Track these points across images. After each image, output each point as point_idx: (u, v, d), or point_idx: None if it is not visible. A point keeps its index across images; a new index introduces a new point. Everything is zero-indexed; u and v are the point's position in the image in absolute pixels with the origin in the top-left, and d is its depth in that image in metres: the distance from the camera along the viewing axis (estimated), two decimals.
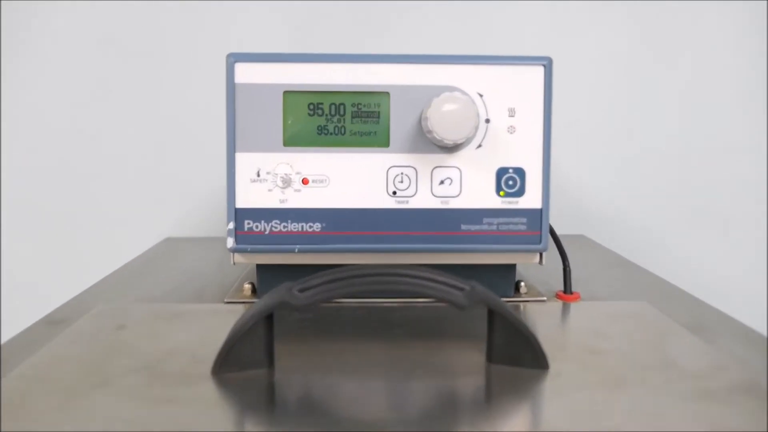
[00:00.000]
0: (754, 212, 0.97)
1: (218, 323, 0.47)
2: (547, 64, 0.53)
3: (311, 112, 0.52)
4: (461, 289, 0.38)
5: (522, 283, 0.59)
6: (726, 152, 0.96)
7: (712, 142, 0.96)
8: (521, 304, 0.56)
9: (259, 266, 0.57)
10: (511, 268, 0.57)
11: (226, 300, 0.57)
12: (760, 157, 0.96)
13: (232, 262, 0.55)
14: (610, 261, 0.77)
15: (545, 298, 0.58)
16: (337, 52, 0.53)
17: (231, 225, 0.53)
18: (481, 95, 0.53)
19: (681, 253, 0.97)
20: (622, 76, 0.95)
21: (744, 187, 0.96)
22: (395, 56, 0.52)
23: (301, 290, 0.38)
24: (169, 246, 0.86)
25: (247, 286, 0.59)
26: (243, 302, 0.56)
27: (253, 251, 0.53)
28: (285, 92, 0.52)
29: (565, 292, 0.59)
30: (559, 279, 0.60)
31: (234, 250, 0.53)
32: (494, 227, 0.53)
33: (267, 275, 0.57)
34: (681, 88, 0.96)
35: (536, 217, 0.54)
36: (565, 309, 0.56)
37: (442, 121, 0.50)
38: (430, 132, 0.50)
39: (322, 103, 0.52)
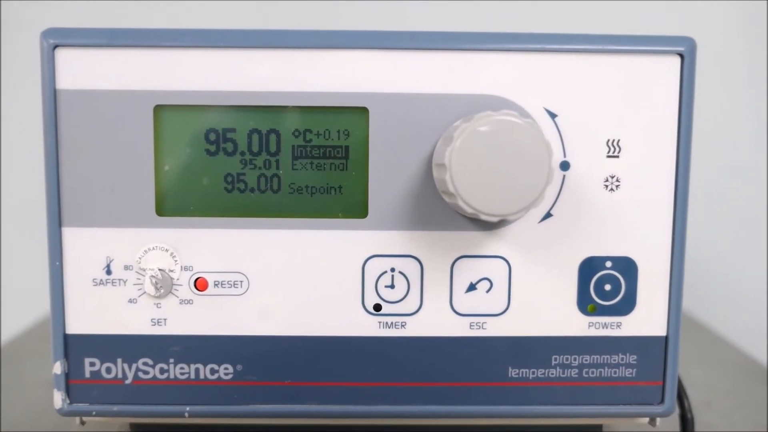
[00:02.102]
0: None
1: None
2: (687, 52, 0.26)
3: (212, 148, 0.26)
4: None
5: None
6: None
7: None
8: None
9: (134, 424, 0.31)
10: (595, 428, 0.31)
11: None
12: None
13: (77, 422, 0.29)
14: (726, 359, 0.50)
15: None
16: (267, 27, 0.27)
17: (58, 367, 0.27)
18: (553, 115, 0.26)
19: None
20: None
21: None
22: (380, 35, 0.26)
23: None
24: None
25: None
26: None
27: (103, 414, 0.28)
28: (158, 107, 0.26)
29: None
30: (669, 424, 0.34)
31: (66, 413, 0.27)
32: (574, 372, 0.27)
33: None
34: None
35: (656, 352, 0.27)
36: None
37: (476, 170, 0.23)
38: (450, 194, 0.24)
39: (233, 130, 0.26)
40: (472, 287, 0.27)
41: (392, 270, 0.27)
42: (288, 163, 0.26)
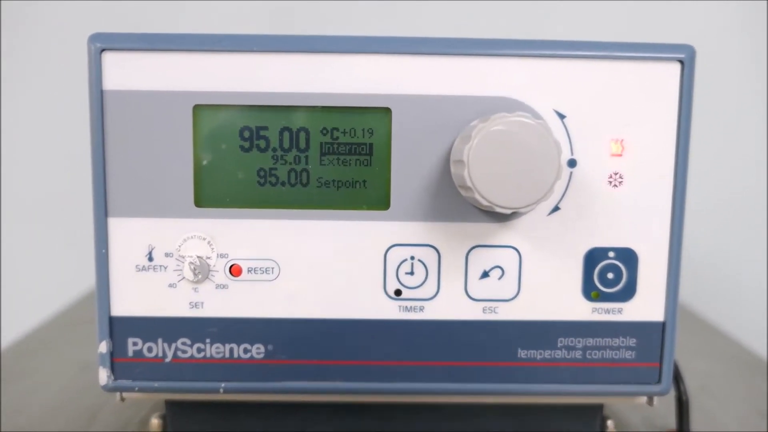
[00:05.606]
0: None
1: None
2: (687, 59, 0.28)
3: (246, 144, 0.29)
4: None
5: (609, 422, 0.36)
6: None
7: None
8: None
9: (168, 400, 0.33)
10: (596, 407, 0.34)
11: None
12: None
13: (118, 398, 0.32)
14: (725, 350, 0.53)
15: None
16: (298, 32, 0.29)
17: (103, 346, 0.29)
18: (562, 116, 0.28)
19: None
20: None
21: None
22: (403, 41, 0.28)
23: None
24: (84, 308, 0.62)
25: (156, 423, 0.35)
26: None
27: (145, 390, 0.30)
28: (197, 107, 0.28)
29: None
30: (665, 402, 0.36)
31: (110, 389, 0.30)
32: (578, 354, 0.30)
33: (181, 414, 0.33)
34: None
35: (654, 337, 0.30)
36: None
37: (492, 167, 0.26)
38: (467, 188, 0.26)
39: (265, 128, 0.28)
40: (485, 274, 0.29)
41: (412, 258, 0.29)
42: (316, 159, 0.28)
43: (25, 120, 0.76)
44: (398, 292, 0.29)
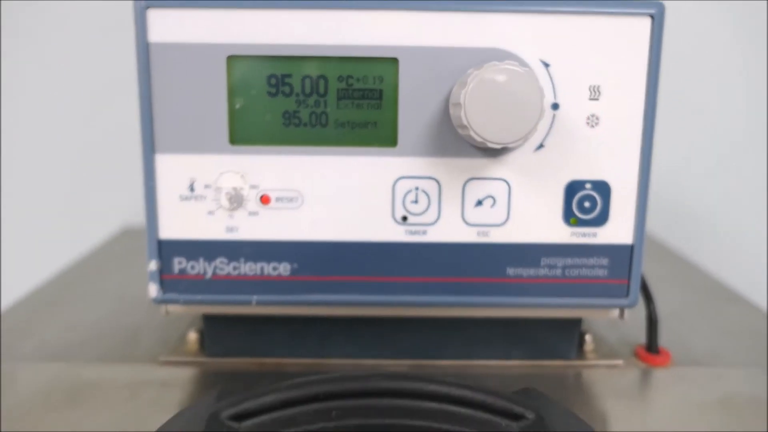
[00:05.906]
0: None
1: (136, 415, 0.30)
2: (657, 14, 0.32)
3: (273, 90, 0.33)
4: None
5: (587, 336, 0.41)
6: None
7: None
8: (585, 371, 0.38)
9: (205, 315, 0.39)
10: (575, 321, 0.39)
11: (162, 359, 0.39)
12: None
13: (163, 312, 0.37)
14: (700, 284, 0.58)
15: (620, 362, 0.40)
16: None
17: (153, 265, 0.34)
18: (546, 65, 0.32)
19: None
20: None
21: None
22: None
23: (235, 417, 0.24)
24: (121, 244, 0.68)
25: (193, 336, 0.41)
26: (184, 363, 0.39)
27: (188, 302, 0.35)
28: (230, 57, 0.32)
29: (649, 350, 0.41)
30: (638, 324, 0.42)
31: (159, 301, 0.35)
32: (558, 272, 0.35)
33: (217, 327, 0.39)
34: None
35: (623, 257, 0.35)
36: (652, 381, 0.38)
37: (485, 109, 0.30)
38: (464, 127, 0.31)
39: (290, 75, 0.33)
40: (479, 203, 0.34)
41: (416, 189, 0.34)
42: (334, 103, 0.33)
43: (25, 115, 0.77)
44: (404, 218, 0.34)
